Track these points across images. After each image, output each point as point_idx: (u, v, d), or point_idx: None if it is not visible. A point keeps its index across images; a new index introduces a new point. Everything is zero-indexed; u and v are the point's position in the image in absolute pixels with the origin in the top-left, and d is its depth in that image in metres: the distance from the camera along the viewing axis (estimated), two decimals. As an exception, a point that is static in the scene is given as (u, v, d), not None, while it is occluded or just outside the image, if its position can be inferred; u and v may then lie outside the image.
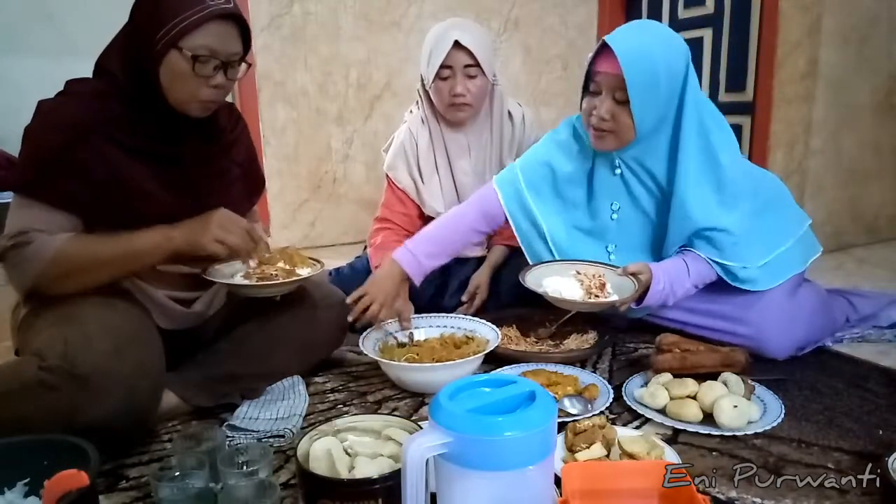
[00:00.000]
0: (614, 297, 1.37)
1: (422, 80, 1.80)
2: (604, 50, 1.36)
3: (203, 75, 1.16)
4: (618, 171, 1.50)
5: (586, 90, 1.43)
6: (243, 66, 1.23)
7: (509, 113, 1.88)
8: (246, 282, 1.28)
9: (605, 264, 1.48)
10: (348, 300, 1.46)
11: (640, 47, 1.33)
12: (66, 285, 1.16)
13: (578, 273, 1.43)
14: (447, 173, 1.85)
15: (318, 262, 1.39)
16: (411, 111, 1.91)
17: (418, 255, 1.51)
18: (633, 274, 1.39)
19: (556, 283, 1.40)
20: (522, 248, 1.62)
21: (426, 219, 1.86)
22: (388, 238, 1.84)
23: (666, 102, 1.38)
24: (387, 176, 1.91)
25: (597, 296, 1.36)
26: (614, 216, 1.54)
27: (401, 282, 1.50)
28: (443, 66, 1.69)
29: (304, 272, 1.33)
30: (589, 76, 1.42)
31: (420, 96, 1.84)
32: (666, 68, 1.35)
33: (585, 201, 1.58)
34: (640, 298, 1.41)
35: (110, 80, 1.18)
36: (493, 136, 1.86)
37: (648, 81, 1.33)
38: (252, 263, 1.29)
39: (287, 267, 1.32)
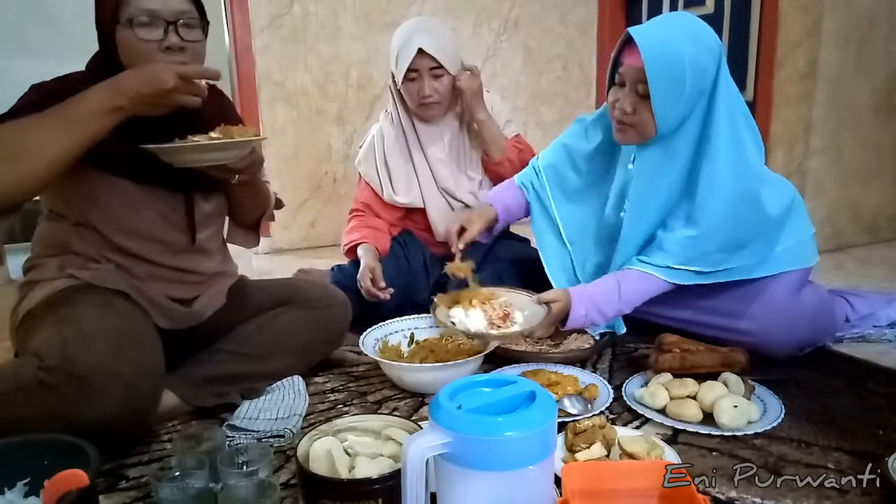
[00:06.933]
0: (516, 328, 1.39)
1: (392, 78, 1.86)
2: (630, 41, 1.34)
3: (149, 39, 1.12)
4: (630, 166, 1.49)
5: (612, 81, 1.42)
6: (202, 27, 1.17)
7: None
8: (185, 144, 1.12)
9: (527, 292, 1.50)
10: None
11: (664, 41, 1.30)
12: None
13: (483, 303, 1.45)
14: (422, 162, 1.91)
15: (258, 133, 1.22)
16: (387, 109, 1.97)
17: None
18: (546, 302, 1.41)
19: (463, 314, 1.41)
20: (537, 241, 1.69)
21: (395, 206, 1.93)
22: (358, 223, 1.91)
23: (691, 100, 1.34)
24: (358, 170, 1.99)
25: (499, 326, 1.38)
26: (622, 214, 1.52)
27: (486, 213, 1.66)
28: (409, 70, 1.76)
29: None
30: (615, 67, 1.40)
31: (392, 93, 1.90)
32: (692, 64, 1.30)
33: (599, 185, 1.59)
34: (563, 321, 1.42)
35: (90, 73, 1.19)
36: (465, 123, 1.92)
37: (671, 76, 1.30)
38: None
39: (223, 138, 1.16)
